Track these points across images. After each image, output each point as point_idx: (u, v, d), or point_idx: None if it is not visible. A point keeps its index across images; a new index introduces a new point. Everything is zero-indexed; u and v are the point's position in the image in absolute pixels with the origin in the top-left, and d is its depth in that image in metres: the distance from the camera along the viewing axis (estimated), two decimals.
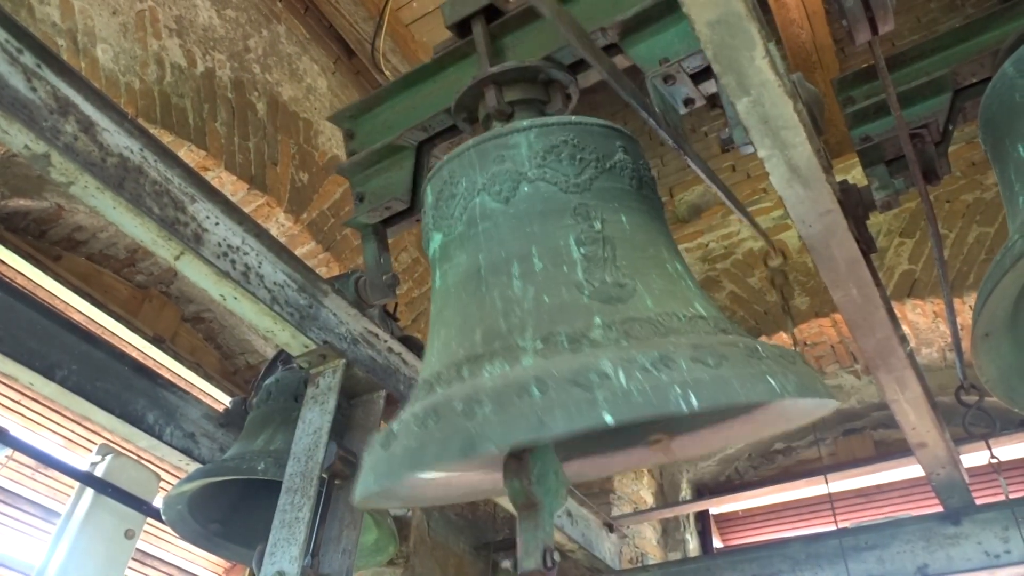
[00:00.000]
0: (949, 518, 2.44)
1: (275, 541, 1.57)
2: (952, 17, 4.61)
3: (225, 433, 2.60)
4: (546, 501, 0.97)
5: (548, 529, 0.95)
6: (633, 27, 1.47)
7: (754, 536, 4.62)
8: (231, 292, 1.65)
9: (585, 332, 0.99)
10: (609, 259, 1.11)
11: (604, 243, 1.14)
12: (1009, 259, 1.10)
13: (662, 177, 4.97)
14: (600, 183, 1.24)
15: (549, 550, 0.92)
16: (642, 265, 1.14)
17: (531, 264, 1.13)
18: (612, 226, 1.17)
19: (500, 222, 1.21)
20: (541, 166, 1.24)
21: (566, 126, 1.30)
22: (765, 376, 0.91)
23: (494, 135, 1.31)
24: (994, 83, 1.43)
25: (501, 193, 1.24)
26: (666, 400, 0.85)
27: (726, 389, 0.89)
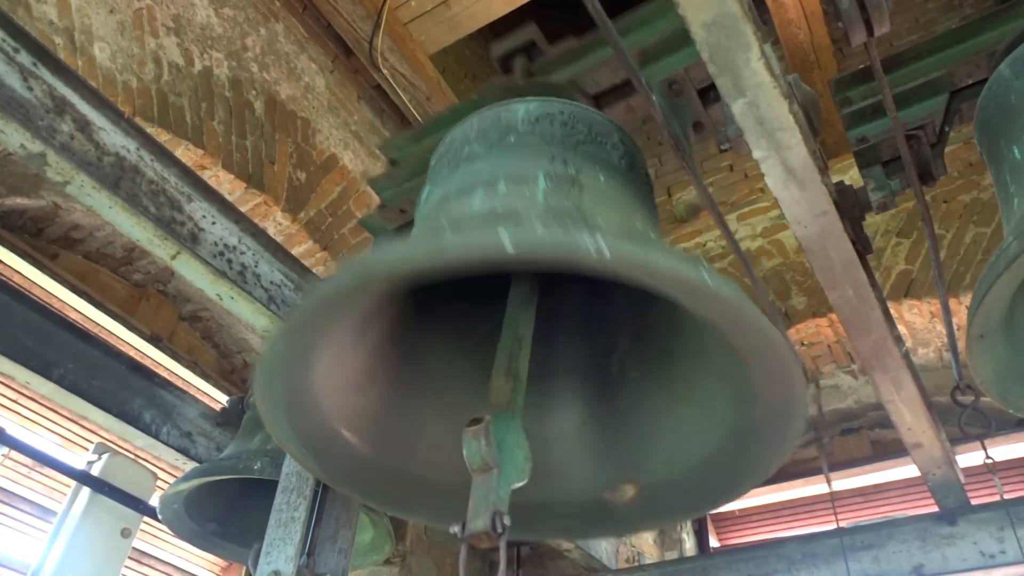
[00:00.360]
0: (945, 518, 2.44)
1: (271, 540, 1.57)
2: (950, 17, 4.62)
3: (222, 432, 2.60)
4: (505, 469, 0.96)
5: (502, 495, 0.93)
6: (653, 55, 1.50)
7: (751, 535, 4.62)
8: (228, 291, 1.65)
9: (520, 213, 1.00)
10: (574, 193, 1.11)
11: (573, 183, 1.13)
12: (1004, 261, 1.11)
13: (660, 177, 4.98)
14: (587, 148, 1.25)
15: (500, 514, 0.89)
16: (608, 211, 1.13)
17: (495, 188, 1.14)
18: (587, 177, 1.17)
19: (480, 163, 1.23)
20: (532, 124, 1.27)
21: (566, 103, 1.33)
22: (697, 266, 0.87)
23: (498, 104, 1.35)
24: (990, 85, 1.44)
25: (488, 141, 1.26)
26: (574, 242, 0.81)
27: (645, 253, 0.85)
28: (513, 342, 1.16)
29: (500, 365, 1.12)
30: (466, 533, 0.89)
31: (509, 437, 1.00)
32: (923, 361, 3.97)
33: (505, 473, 0.96)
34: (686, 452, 1.25)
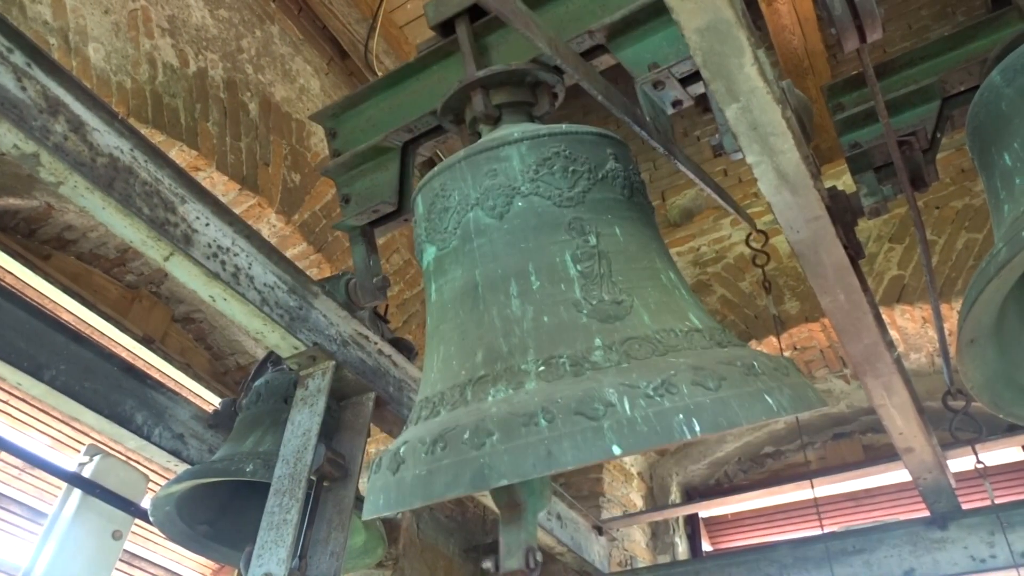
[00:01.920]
0: (936, 522, 2.45)
1: (263, 543, 1.57)
2: (943, 24, 4.64)
3: (214, 434, 2.59)
4: (529, 502, 0.97)
5: (531, 530, 0.95)
6: (620, 29, 1.48)
7: (743, 540, 4.63)
8: (221, 293, 1.65)
9: (586, 355, 1.01)
10: (605, 275, 1.12)
11: (600, 258, 1.15)
12: (994, 267, 1.11)
13: (654, 181, 4.99)
14: (593, 195, 1.24)
15: (532, 550, 0.91)
16: (637, 278, 1.15)
17: (528, 282, 1.14)
18: (607, 239, 1.18)
19: (495, 238, 1.22)
20: (534, 180, 1.25)
21: (557, 136, 1.30)
22: (763, 395, 0.93)
23: (485, 147, 1.31)
24: (981, 92, 1.45)
25: (495, 208, 1.24)
26: (670, 429, 0.87)
27: (727, 413, 0.91)
28: None
29: None
30: (501, 572, 0.91)
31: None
32: (915, 366, 3.99)
33: (531, 506, 0.98)
34: None
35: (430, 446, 0.94)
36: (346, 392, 1.90)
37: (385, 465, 1.01)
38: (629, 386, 0.91)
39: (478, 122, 1.49)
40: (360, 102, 1.93)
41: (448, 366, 1.14)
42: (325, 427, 1.74)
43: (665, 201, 4.89)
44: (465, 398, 1.03)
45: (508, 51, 1.64)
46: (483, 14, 1.66)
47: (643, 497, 4.57)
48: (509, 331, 1.09)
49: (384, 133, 1.81)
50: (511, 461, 0.87)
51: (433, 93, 1.74)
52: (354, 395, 1.91)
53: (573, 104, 4.98)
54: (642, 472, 4.66)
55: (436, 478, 0.91)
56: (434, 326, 1.26)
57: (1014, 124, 1.33)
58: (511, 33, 1.62)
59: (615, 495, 4.22)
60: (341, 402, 1.91)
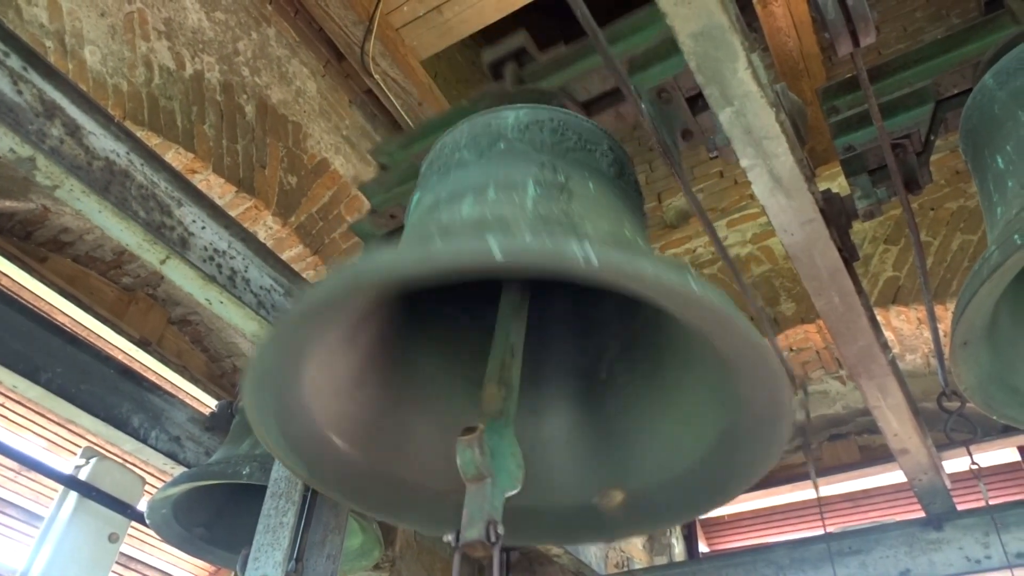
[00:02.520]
0: (931, 523, 2.46)
1: (259, 546, 1.57)
2: (938, 26, 4.66)
3: (211, 437, 2.59)
4: (498, 478, 0.96)
5: (496, 504, 0.94)
6: (641, 64, 1.51)
7: (740, 541, 4.64)
8: (217, 296, 1.65)
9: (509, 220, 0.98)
10: (563, 200, 1.11)
11: (563, 191, 1.14)
12: (987, 269, 1.12)
13: (651, 183, 5.00)
14: (576, 156, 1.25)
15: (494, 523, 0.89)
16: (597, 218, 1.13)
17: (484, 195, 1.14)
18: (577, 184, 1.18)
19: (471, 170, 1.24)
20: (522, 132, 1.28)
21: (556, 111, 1.33)
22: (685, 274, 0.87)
23: (489, 111, 1.35)
24: (974, 95, 1.45)
25: (478, 148, 1.27)
26: (563, 250, 0.82)
27: (633, 261, 0.86)
28: (505, 350, 1.17)
29: (492, 373, 1.13)
30: (460, 542, 0.89)
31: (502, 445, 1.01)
32: (910, 367, 4.00)
33: (499, 482, 0.96)
34: (675, 457, 1.26)
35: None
36: None
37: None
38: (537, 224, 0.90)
39: None
40: (412, 142, 1.96)
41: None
42: None
43: (661, 203, 4.90)
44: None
45: None
46: (531, 60, 1.72)
47: None
48: (451, 224, 1.09)
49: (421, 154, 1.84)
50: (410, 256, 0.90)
51: None
52: None
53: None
54: None
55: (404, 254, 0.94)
56: None
57: (1007, 127, 1.34)
58: (553, 81, 1.67)
59: None
60: None
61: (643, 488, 1.28)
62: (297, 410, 1.13)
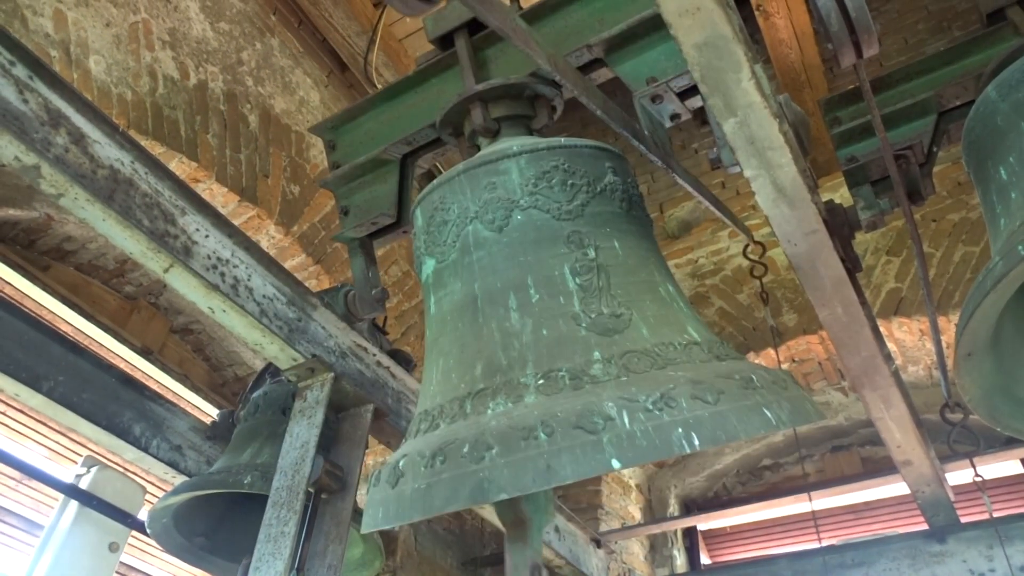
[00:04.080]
0: (934, 536, 2.45)
1: (260, 555, 1.56)
2: (939, 38, 4.67)
3: (212, 446, 2.58)
4: (534, 518, 0.97)
5: (536, 546, 0.95)
6: (619, 44, 1.49)
7: (742, 552, 4.62)
8: (220, 305, 1.65)
9: (585, 368, 1.01)
10: (604, 288, 1.13)
11: (599, 271, 1.15)
12: (990, 280, 1.12)
13: (652, 193, 5.00)
14: (592, 208, 1.25)
15: (537, 567, 0.91)
16: (636, 291, 1.15)
17: (527, 295, 1.14)
18: (605, 253, 1.19)
19: (494, 251, 1.22)
20: (533, 193, 1.25)
21: (555, 150, 1.31)
22: (761, 408, 0.94)
23: (484, 160, 1.32)
24: (977, 106, 1.46)
25: (494, 222, 1.24)
26: (669, 442, 0.87)
27: (725, 426, 0.91)
28: None
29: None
30: None
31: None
32: (913, 378, 3.99)
33: (536, 522, 0.98)
34: None
35: (429, 459, 0.94)
36: (344, 404, 1.89)
37: (384, 478, 1.01)
38: (628, 400, 0.91)
39: (477, 135, 1.50)
40: (359, 114, 1.94)
41: (447, 379, 1.15)
42: (323, 439, 1.74)
43: (663, 213, 4.90)
44: (464, 411, 1.03)
45: (507, 64, 1.66)
46: (482, 28, 1.67)
47: (641, 509, 4.56)
48: (508, 344, 1.09)
49: (383, 146, 1.82)
50: (510, 475, 0.88)
51: (432, 106, 1.75)
52: (352, 407, 1.91)
53: (571, 117, 5.00)
54: (640, 484, 4.65)
55: (435, 491, 0.91)
56: (433, 339, 1.27)
57: (1009, 138, 1.34)
58: (510, 46, 1.64)
59: (613, 507, 4.21)
60: (339, 414, 1.90)
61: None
62: None
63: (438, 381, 1.17)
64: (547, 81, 1.55)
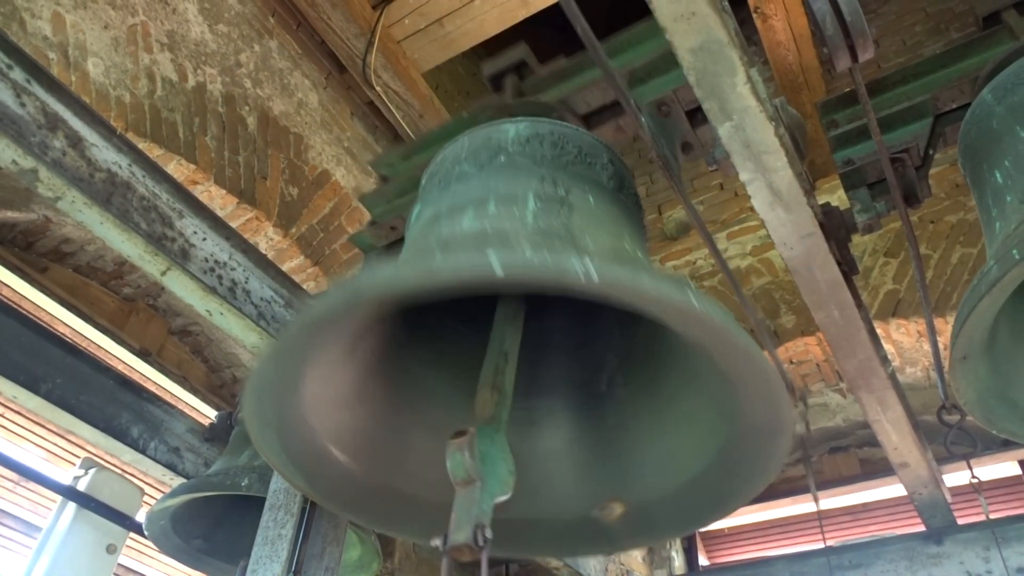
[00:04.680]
0: (932, 537, 2.45)
1: (257, 558, 1.57)
2: (936, 40, 4.68)
3: (210, 448, 2.59)
4: (488, 482, 0.96)
5: (485, 508, 0.93)
6: (641, 77, 1.52)
7: (740, 553, 4.62)
8: (218, 308, 1.66)
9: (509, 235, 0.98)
10: (563, 214, 1.11)
11: (563, 204, 1.14)
12: (985, 284, 1.12)
13: (651, 195, 5.01)
14: (577, 169, 1.26)
15: (482, 527, 0.89)
16: (597, 232, 1.13)
17: (485, 208, 1.14)
18: (577, 197, 1.18)
19: (471, 183, 1.24)
20: (522, 145, 1.28)
21: (557, 124, 1.34)
22: (685, 289, 0.87)
23: (489, 124, 1.36)
24: (973, 109, 1.46)
25: (478, 161, 1.27)
26: (563, 265, 0.82)
27: (635, 280, 0.86)
28: (499, 356, 1.16)
29: (485, 379, 1.13)
30: (448, 546, 0.89)
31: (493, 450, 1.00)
32: (910, 380, 4.00)
33: (488, 486, 0.96)
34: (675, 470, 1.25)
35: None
36: None
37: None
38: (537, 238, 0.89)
39: None
40: (413, 153, 1.96)
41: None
42: None
43: (662, 215, 4.91)
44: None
45: None
46: (531, 72, 1.73)
47: None
48: (451, 239, 1.09)
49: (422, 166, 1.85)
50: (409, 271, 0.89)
51: None
52: None
53: None
54: None
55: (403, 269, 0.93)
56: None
57: (1005, 142, 1.34)
58: (552, 93, 1.67)
59: None
60: None
61: (643, 500, 1.28)
62: (296, 423, 1.13)
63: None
64: (575, 114, 1.60)
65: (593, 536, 1.31)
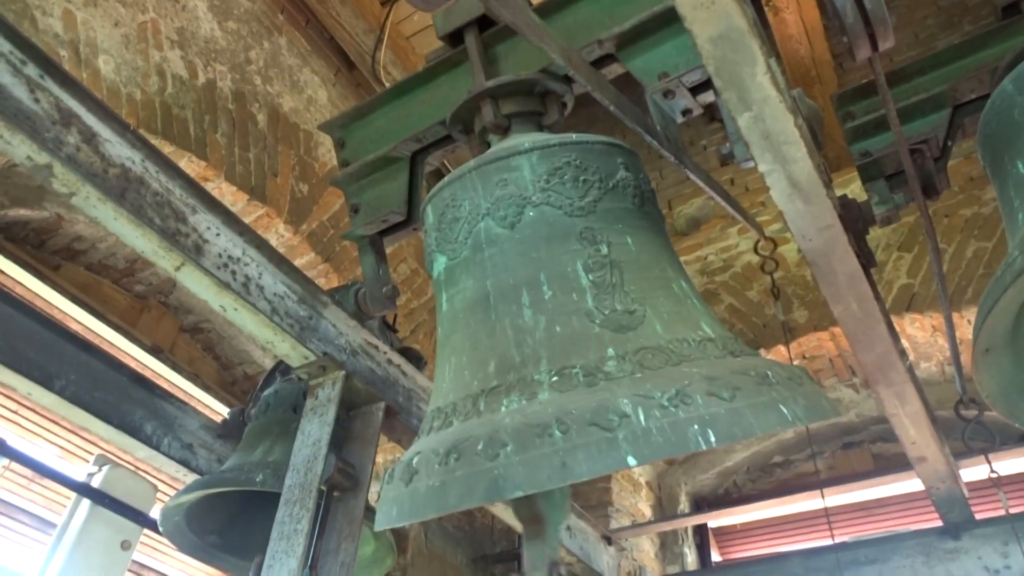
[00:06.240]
0: (949, 533, 2.43)
1: (273, 553, 1.56)
2: (950, 33, 4.64)
3: (223, 444, 2.59)
4: (551, 515, 0.97)
5: (554, 544, 0.95)
6: (630, 39, 1.48)
7: (753, 549, 4.60)
8: (231, 303, 1.65)
9: (599, 365, 1.00)
10: (617, 284, 1.12)
11: (611, 268, 1.14)
12: (1010, 275, 1.11)
13: (661, 190, 4.98)
14: (604, 204, 1.24)
15: (556, 565, 0.91)
16: (649, 287, 1.15)
17: (540, 292, 1.14)
18: (618, 249, 1.18)
19: (506, 248, 1.21)
20: (545, 190, 1.24)
21: (567, 147, 1.30)
22: (777, 405, 0.93)
23: (495, 157, 1.31)
24: (993, 100, 1.44)
25: (506, 218, 1.24)
26: (685, 439, 0.87)
27: (741, 423, 0.90)
28: None
29: None
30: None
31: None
32: (925, 375, 3.97)
33: (553, 520, 0.97)
34: None
35: (443, 457, 0.94)
36: (356, 402, 1.89)
37: (398, 476, 1.01)
38: (643, 396, 0.90)
39: (487, 132, 1.50)
40: (369, 112, 1.94)
41: (460, 376, 1.14)
42: (335, 437, 1.73)
43: (672, 210, 4.89)
44: (478, 408, 1.03)
45: (517, 60, 1.65)
46: (492, 24, 1.66)
47: (651, 507, 4.55)
48: (521, 341, 1.08)
49: (393, 143, 1.82)
50: (525, 472, 0.87)
51: (442, 103, 1.74)
52: (363, 405, 1.90)
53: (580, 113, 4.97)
54: (650, 481, 4.64)
55: (450, 489, 0.91)
56: (445, 336, 1.26)
57: None
58: (520, 43, 1.63)
59: (623, 505, 4.20)
60: (350, 412, 1.90)
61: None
62: None
63: (451, 378, 1.16)
64: (558, 77, 1.54)
65: None
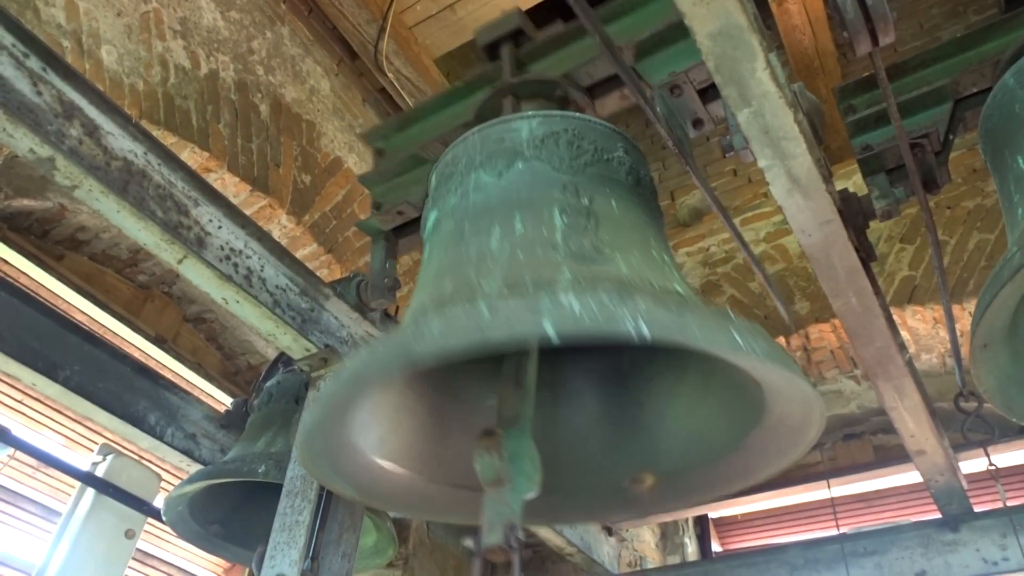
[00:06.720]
0: (947, 525, 2.44)
1: (275, 544, 1.58)
2: (954, 23, 4.62)
3: (226, 434, 2.61)
4: (517, 481, 0.96)
5: (515, 508, 0.93)
6: (648, 49, 1.50)
7: (753, 540, 4.62)
8: (233, 295, 1.66)
9: (551, 281, 0.97)
10: (591, 230, 1.11)
11: (588, 215, 1.14)
12: (1008, 271, 1.11)
13: (663, 181, 4.98)
14: (595, 169, 1.25)
15: (513, 528, 0.89)
16: (624, 243, 1.13)
17: (512, 226, 1.14)
18: (600, 204, 1.18)
19: (491, 193, 1.23)
20: (538, 147, 1.26)
21: (570, 119, 1.32)
22: (729, 329, 0.88)
23: (499, 121, 1.34)
24: (995, 94, 1.44)
25: (496, 168, 1.26)
26: (615, 322, 0.82)
27: (682, 328, 0.86)
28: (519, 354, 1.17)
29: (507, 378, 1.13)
30: (481, 547, 0.89)
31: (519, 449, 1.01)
32: (926, 367, 3.97)
33: (517, 486, 0.96)
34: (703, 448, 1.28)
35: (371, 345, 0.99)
36: None
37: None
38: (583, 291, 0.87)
39: None
40: (408, 124, 1.95)
41: (419, 301, 1.16)
42: None
43: (675, 201, 4.88)
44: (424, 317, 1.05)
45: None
46: (527, 39, 1.70)
47: None
48: (482, 263, 1.08)
49: (422, 143, 1.83)
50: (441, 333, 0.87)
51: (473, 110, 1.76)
52: None
53: None
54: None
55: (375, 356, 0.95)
56: (419, 283, 1.28)
57: None
58: (551, 62, 1.65)
59: None
60: None
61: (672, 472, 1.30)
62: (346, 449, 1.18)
63: (411, 309, 1.19)
64: (578, 86, 1.57)
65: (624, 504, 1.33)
